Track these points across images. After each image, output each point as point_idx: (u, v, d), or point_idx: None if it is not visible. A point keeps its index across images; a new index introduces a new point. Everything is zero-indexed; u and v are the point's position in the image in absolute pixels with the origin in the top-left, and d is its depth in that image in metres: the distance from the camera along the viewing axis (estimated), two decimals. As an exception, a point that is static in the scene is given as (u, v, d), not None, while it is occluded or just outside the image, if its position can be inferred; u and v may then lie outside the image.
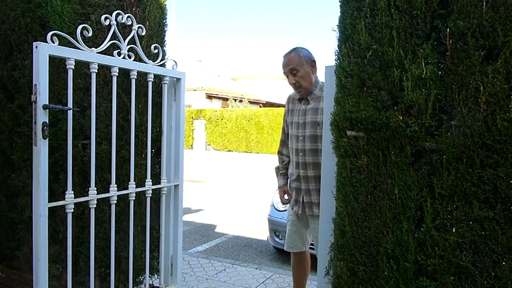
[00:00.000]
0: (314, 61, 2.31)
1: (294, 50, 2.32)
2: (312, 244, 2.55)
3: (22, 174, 2.58)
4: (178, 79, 2.44)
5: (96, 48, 1.93)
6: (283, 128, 2.59)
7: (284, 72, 2.34)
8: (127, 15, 2.05)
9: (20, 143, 2.55)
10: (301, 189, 2.35)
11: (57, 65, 2.26)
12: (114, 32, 1.98)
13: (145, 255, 2.32)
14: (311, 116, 2.29)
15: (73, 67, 1.84)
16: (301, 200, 2.36)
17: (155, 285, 2.52)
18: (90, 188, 1.97)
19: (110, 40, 1.97)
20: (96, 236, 2.13)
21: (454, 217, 1.37)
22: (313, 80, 2.32)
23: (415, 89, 1.41)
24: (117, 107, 2.08)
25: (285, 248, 2.63)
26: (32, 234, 1.75)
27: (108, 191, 2.06)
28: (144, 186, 2.25)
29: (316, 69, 2.37)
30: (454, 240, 1.37)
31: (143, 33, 2.17)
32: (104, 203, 2.18)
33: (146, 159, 2.29)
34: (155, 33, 2.39)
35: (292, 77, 2.30)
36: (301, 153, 2.32)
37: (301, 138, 2.32)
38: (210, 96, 25.80)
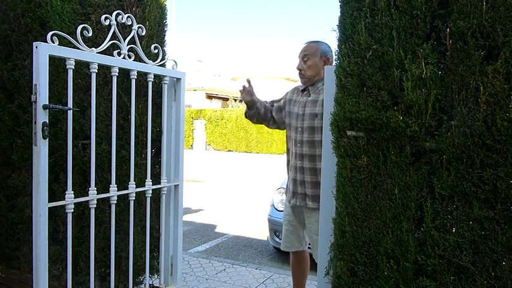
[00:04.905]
0: (329, 59, 2.34)
1: (317, 41, 2.39)
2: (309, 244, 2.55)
3: (22, 174, 2.58)
4: (178, 79, 2.44)
5: (96, 48, 1.93)
6: (272, 100, 2.63)
7: (298, 56, 2.40)
8: (127, 15, 2.05)
9: (20, 143, 2.56)
10: (297, 180, 2.36)
11: (57, 65, 2.27)
12: (114, 32, 1.98)
13: (145, 255, 2.32)
14: (310, 108, 2.31)
15: (73, 67, 1.84)
16: (298, 191, 2.38)
17: (155, 285, 2.52)
18: (90, 188, 1.97)
19: (110, 40, 1.97)
20: (96, 236, 2.13)
21: (454, 217, 1.37)
22: (321, 74, 2.31)
23: (415, 89, 1.41)
24: (117, 107, 2.08)
25: (281, 248, 2.62)
26: (32, 234, 1.75)
27: (108, 191, 2.06)
28: (144, 186, 2.25)
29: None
30: (454, 240, 1.37)
31: (143, 33, 2.17)
32: (104, 203, 2.19)
33: (146, 159, 2.29)
34: (155, 33, 2.39)
35: (301, 63, 2.37)
36: (299, 144, 2.34)
37: (299, 129, 2.35)
38: (210, 96, 25.80)
